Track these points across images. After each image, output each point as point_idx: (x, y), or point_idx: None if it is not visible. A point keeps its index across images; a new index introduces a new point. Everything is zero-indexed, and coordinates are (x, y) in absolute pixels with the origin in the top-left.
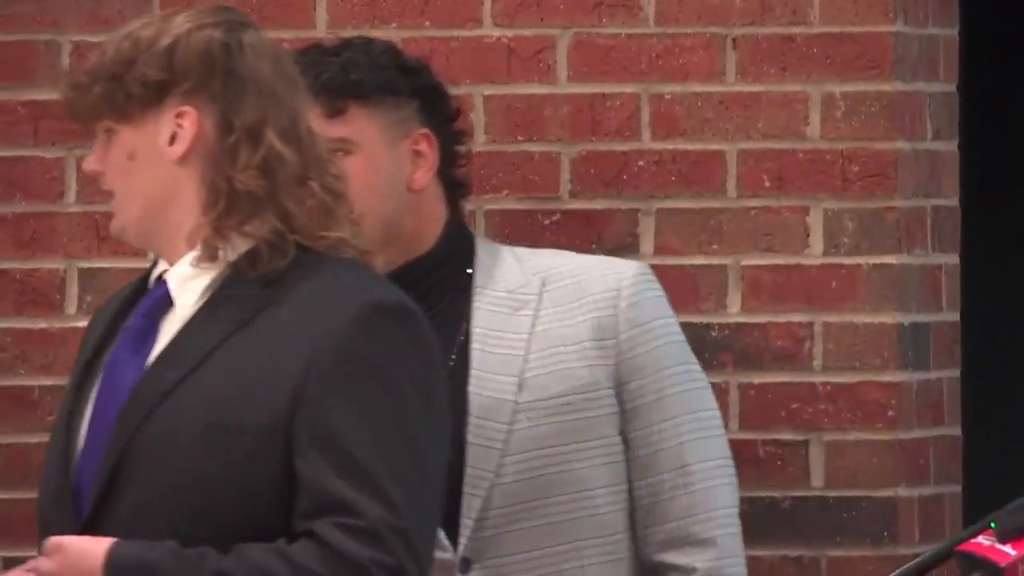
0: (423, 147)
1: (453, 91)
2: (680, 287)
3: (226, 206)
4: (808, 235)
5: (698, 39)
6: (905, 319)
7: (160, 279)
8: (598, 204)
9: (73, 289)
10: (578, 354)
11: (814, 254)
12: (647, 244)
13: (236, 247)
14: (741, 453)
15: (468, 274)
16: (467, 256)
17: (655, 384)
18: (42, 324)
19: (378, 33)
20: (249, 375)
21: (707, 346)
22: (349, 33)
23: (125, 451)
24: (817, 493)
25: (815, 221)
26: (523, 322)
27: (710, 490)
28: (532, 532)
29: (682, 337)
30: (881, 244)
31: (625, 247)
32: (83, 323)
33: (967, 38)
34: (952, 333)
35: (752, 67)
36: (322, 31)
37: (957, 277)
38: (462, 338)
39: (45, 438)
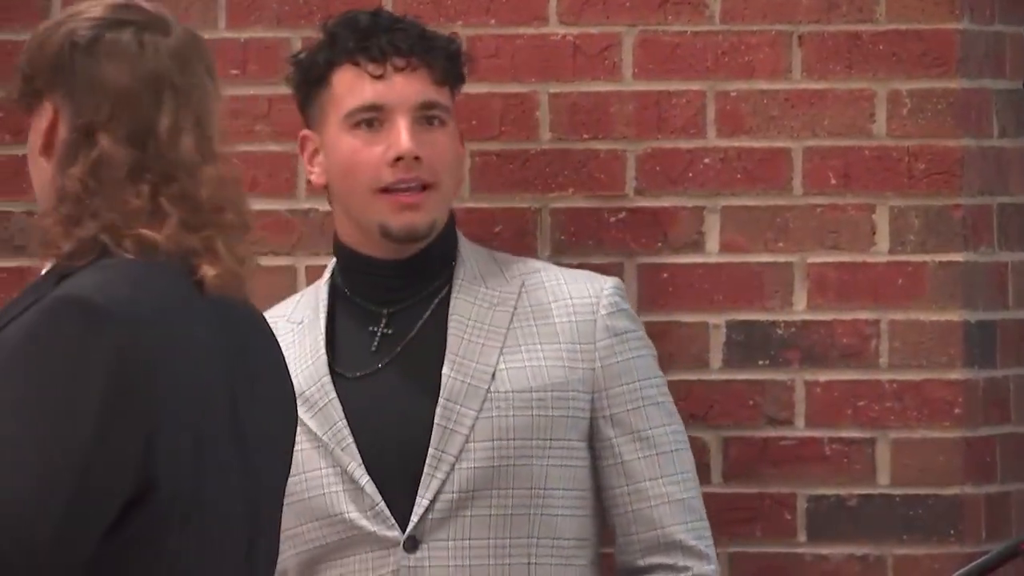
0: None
1: (518, 89)
2: (746, 285)
3: (61, 206)
4: (874, 232)
5: (764, 36)
6: (971, 317)
7: None
8: (663, 202)
9: None
10: (553, 354)
11: (880, 251)
12: (712, 242)
13: (63, 246)
14: (807, 451)
15: (452, 265)
16: (453, 248)
17: (634, 392)
18: None
19: (442, 30)
20: None
21: (773, 344)
22: None
23: None
24: (883, 491)
25: (881, 218)
26: (501, 317)
27: (691, 500)
28: (483, 520)
29: (653, 351)
30: (947, 242)
31: (690, 245)
32: None
33: None
34: (1018, 331)
35: (818, 64)
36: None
37: None
38: (435, 323)
39: None
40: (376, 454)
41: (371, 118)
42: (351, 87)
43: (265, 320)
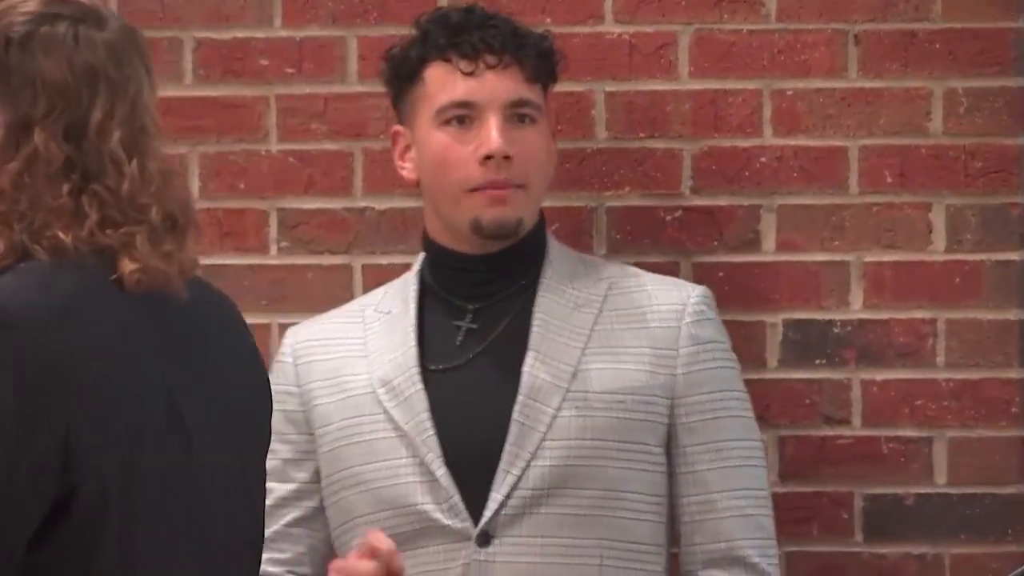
0: None
1: (574, 88)
2: (802, 283)
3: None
4: (930, 231)
5: (820, 35)
6: None
7: None
8: (720, 201)
9: None
10: (636, 358)
11: (937, 250)
12: (769, 241)
13: None
14: (864, 450)
15: (539, 264)
16: (542, 247)
17: (714, 403)
18: None
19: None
20: None
21: (829, 342)
22: None
23: None
24: (940, 490)
25: (937, 217)
26: (585, 318)
27: (760, 518)
28: (555, 519)
29: (737, 363)
30: (1004, 240)
31: (747, 244)
32: None
33: None
34: None
35: (874, 63)
36: None
37: None
38: (520, 321)
39: None
40: (454, 447)
41: (462, 115)
42: (442, 84)
43: (228, 310)
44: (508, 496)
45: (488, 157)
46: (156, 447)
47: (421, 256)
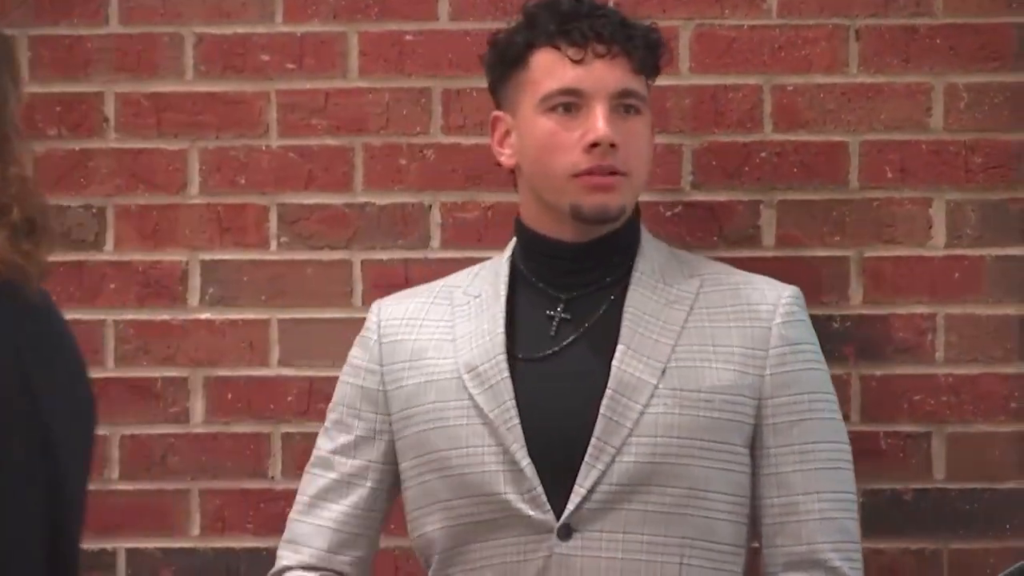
0: None
1: None
2: (802, 279)
3: None
4: (931, 227)
5: (821, 30)
6: None
7: None
8: (720, 196)
9: (195, 281)
10: (725, 357)
11: (937, 246)
12: (769, 236)
13: None
14: (862, 445)
15: (632, 256)
16: (636, 240)
17: (801, 404)
18: (164, 316)
19: (500, 25)
20: None
21: (829, 338)
22: (472, 26)
23: None
24: (939, 485)
25: (938, 212)
26: (676, 315)
27: (844, 521)
28: (638, 516)
29: (826, 367)
30: (1004, 235)
31: (747, 239)
32: (206, 315)
33: None
34: None
35: (875, 58)
36: (444, 23)
37: None
38: (612, 313)
39: (166, 429)
40: (539, 438)
41: (568, 102)
42: (550, 70)
43: (58, 317)
44: (592, 490)
45: (594, 145)
46: (11, 448)
47: (512, 242)
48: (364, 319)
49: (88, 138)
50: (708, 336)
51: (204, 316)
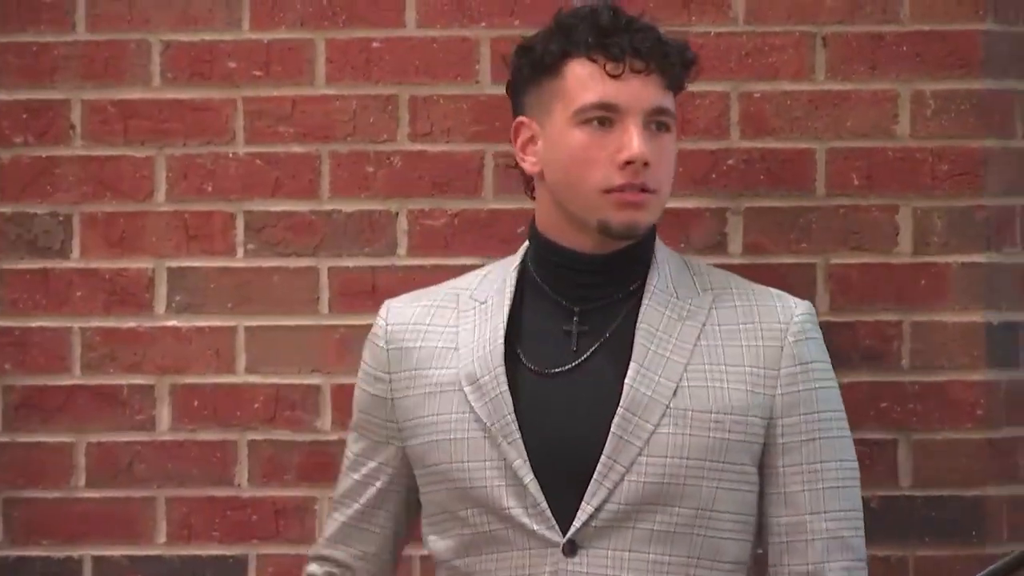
0: None
1: None
2: (769, 285)
3: None
4: (897, 233)
5: (788, 38)
6: (994, 318)
7: None
8: (687, 203)
9: (162, 288)
10: (737, 377)
11: (903, 252)
12: (736, 243)
13: None
14: None
15: (647, 268)
16: (651, 250)
17: (811, 424)
18: (131, 323)
19: (467, 33)
20: None
21: None
22: (439, 33)
23: None
24: (905, 492)
25: (904, 219)
26: (689, 332)
27: (852, 539)
28: (645, 535)
29: (836, 384)
30: (970, 242)
31: (714, 246)
32: (173, 322)
33: None
34: None
35: (842, 65)
36: (411, 30)
37: None
38: (625, 328)
39: (132, 437)
40: (544, 453)
41: (602, 116)
42: (585, 82)
43: None
44: (600, 508)
45: (629, 162)
46: None
47: (524, 247)
48: (331, 326)
49: (54, 145)
50: (720, 355)
51: (171, 323)
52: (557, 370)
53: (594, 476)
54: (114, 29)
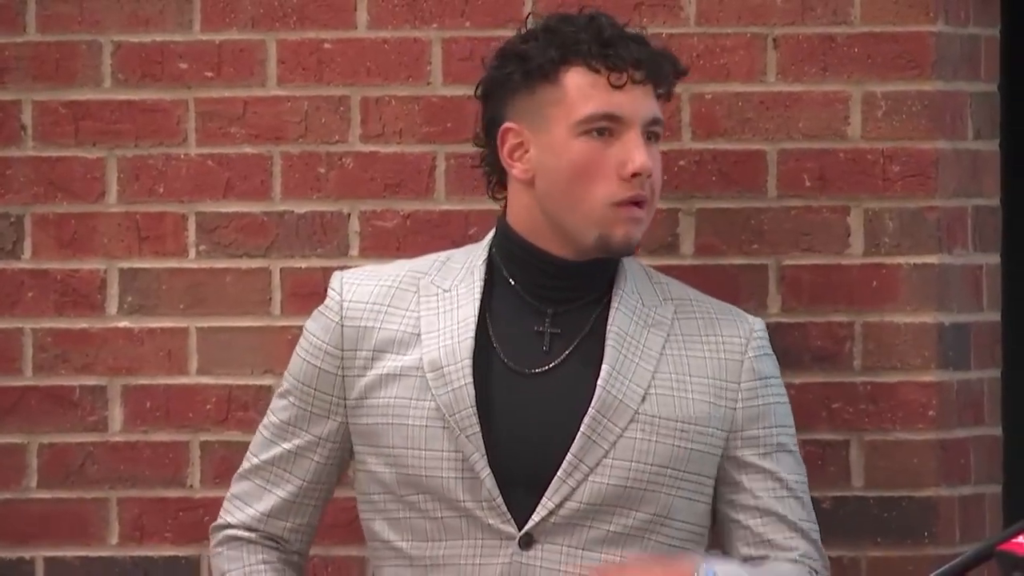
0: None
1: None
2: (720, 287)
3: None
4: (848, 235)
5: (739, 39)
6: (946, 319)
7: None
8: None
9: (114, 290)
10: (700, 388)
11: (854, 254)
12: (687, 244)
13: None
14: None
15: (614, 273)
16: (618, 259)
17: (769, 438)
18: (83, 324)
19: (418, 34)
20: None
21: None
22: (390, 34)
23: None
24: (857, 493)
25: (856, 221)
26: (656, 340)
27: (811, 543)
28: (600, 535)
29: (787, 399)
30: (922, 244)
31: (665, 247)
32: (124, 323)
33: (1008, 38)
34: (992, 333)
35: (793, 67)
36: (363, 31)
37: (998, 277)
38: (595, 331)
39: (84, 438)
40: (505, 449)
41: (604, 127)
42: (587, 92)
43: None
44: (560, 505)
45: (635, 175)
46: None
47: (489, 239)
48: (283, 327)
49: (5, 146)
50: (684, 365)
51: (122, 324)
52: (530, 370)
53: (558, 473)
54: (65, 30)
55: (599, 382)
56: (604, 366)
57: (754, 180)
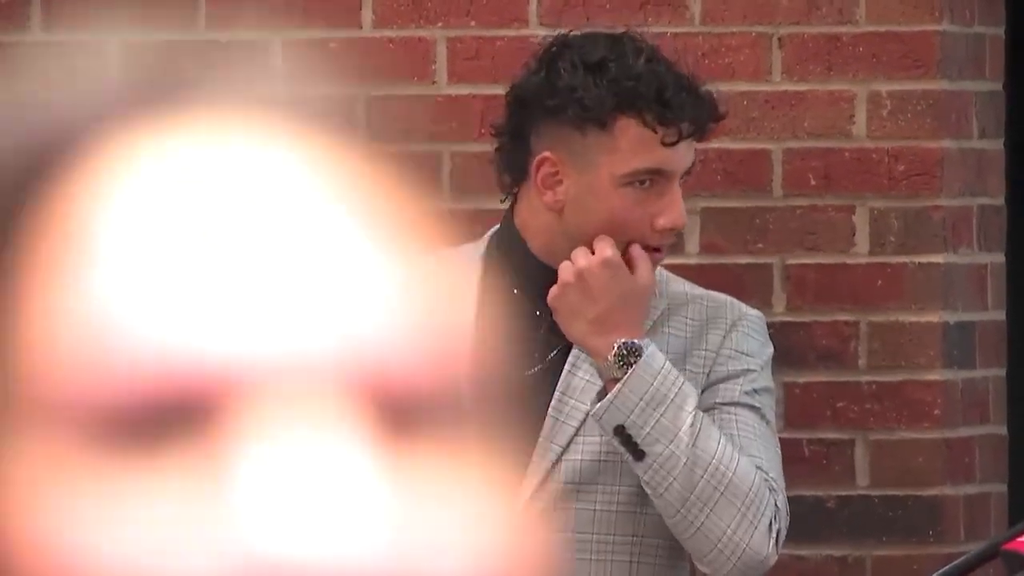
0: None
1: (498, 91)
2: (726, 286)
3: None
4: (854, 234)
5: (744, 38)
6: (951, 318)
7: None
8: None
9: None
10: (675, 359)
11: (860, 253)
12: (693, 243)
13: None
14: (786, 452)
15: None
16: None
17: (743, 396)
18: None
19: (423, 33)
20: None
21: None
22: (395, 33)
23: None
24: (862, 492)
25: (861, 220)
26: None
27: (768, 483)
28: (587, 515)
29: (772, 388)
30: (927, 243)
31: (671, 247)
32: None
33: (1013, 37)
34: (997, 332)
35: (798, 66)
36: (368, 31)
37: (1003, 276)
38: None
39: None
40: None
41: (647, 179)
42: (637, 148)
43: None
44: (539, 487)
45: (671, 230)
46: None
47: (488, 238)
48: None
49: None
50: (663, 345)
51: None
52: (534, 372)
53: (533, 457)
54: (70, 30)
55: (564, 367)
56: (572, 353)
57: (759, 179)
